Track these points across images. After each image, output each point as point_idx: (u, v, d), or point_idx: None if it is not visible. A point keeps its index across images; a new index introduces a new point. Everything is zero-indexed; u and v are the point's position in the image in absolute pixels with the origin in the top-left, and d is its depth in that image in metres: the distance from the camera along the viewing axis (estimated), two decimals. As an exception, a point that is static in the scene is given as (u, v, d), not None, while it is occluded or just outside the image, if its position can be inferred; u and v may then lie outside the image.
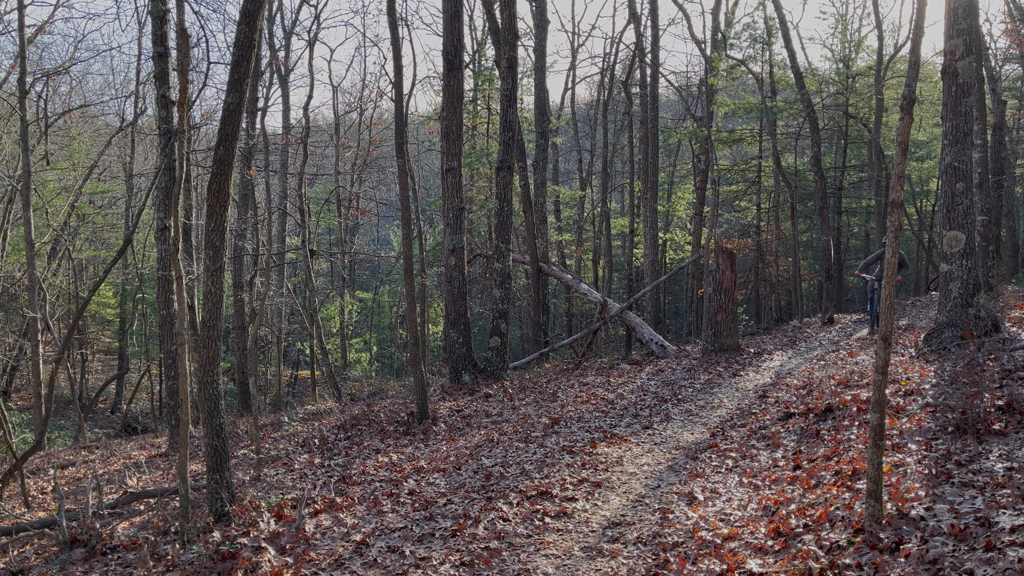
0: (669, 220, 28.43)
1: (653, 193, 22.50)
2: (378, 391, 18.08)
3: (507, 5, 12.88)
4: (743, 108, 23.31)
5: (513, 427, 9.25)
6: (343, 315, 26.91)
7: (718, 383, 10.91)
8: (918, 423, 5.94)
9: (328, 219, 29.25)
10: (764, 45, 21.87)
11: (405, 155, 10.03)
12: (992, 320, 8.44)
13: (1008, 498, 4.05)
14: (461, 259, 13.13)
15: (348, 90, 38.54)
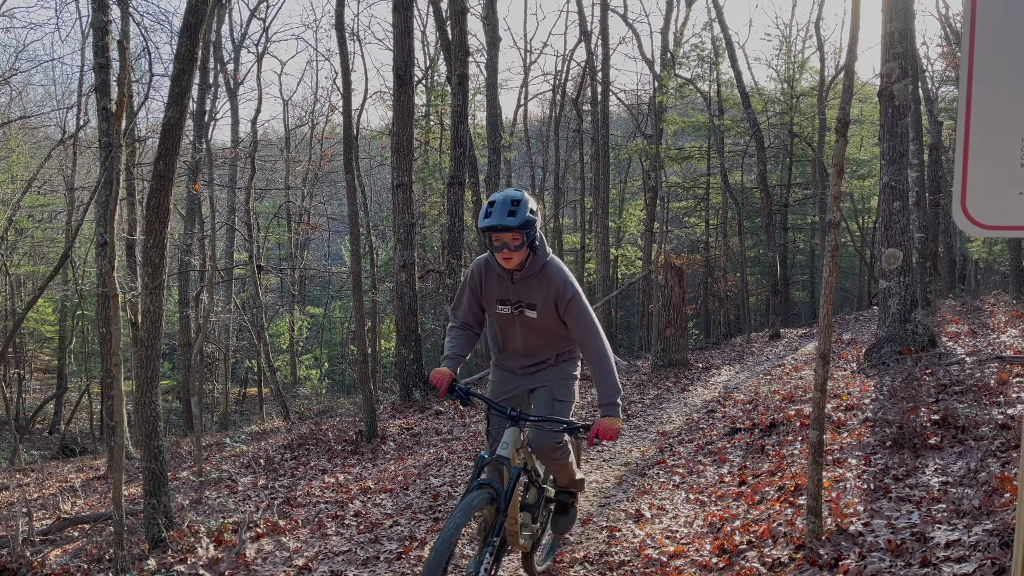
0: (620, 236, 28.71)
1: (604, 209, 22.70)
2: (328, 409, 17.80)
3: (458, 22, 12.90)
4: (692, 126, 23.74)
5: (463, 445, 9.17)
6: (293, 331, 26.50)
7: (667, 398, 10.99)
8: (858, 438, 6.05)
9: (278, 234, 28.85)
10: (712, 65, 22.32)
11: (353, 171, 9.93)
12: (929, 335, 8.68)
13: (943, 513, 4.13)
14: (412, 275, 13.03)
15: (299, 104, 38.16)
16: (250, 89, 45.74)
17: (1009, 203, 1.62)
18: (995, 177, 1.62)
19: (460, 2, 12.74)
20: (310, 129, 28.76)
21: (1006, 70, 1.60)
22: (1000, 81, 1.61)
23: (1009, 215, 1.62)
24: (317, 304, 32.85)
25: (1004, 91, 1.60)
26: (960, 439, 5.34)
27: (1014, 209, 1.61)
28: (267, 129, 36.38)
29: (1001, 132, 1.61)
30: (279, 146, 29.64)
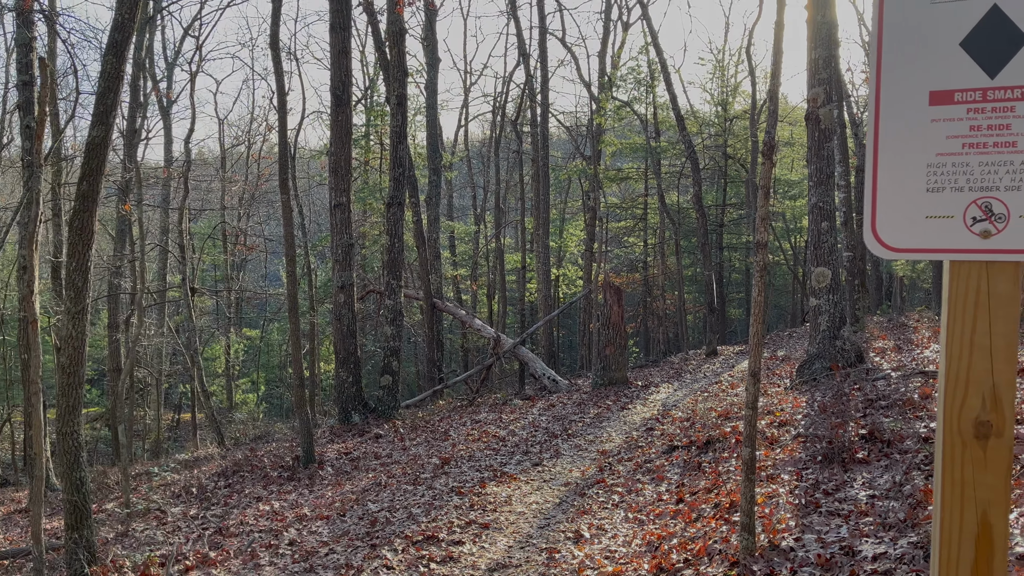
0: (561, 256, 28.93)
1: (545, 229, 22.86)
2: (264, 434, 17.37)
3: (396, 43, 12.89)
4: (630, 148, 24.13)
5: (402, 468, 9.05)
6: (229, 354, 25.85)
7: (607, 417, 11.06)
8: (790, 453, 6.17)
9: (213, 255, 28.19)
10: (648, 88, 22.77)
11: (289, 191, 9.79)
12: (857, 351, 8.94)
13: (870, 526, 4.23)
14: (351, 296, 12.87)
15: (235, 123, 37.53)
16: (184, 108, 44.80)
17: (916, 226, 1.67)
18: (902, 201, 1.67)
19: (398, 23, 12.73)
20: (247, 148, 28.29)
21: (910, 99, 1.65)
22: (905, 109, 1.66)
23: (916, 238, 1.67)
24: (254, 326, 32.14)
25: (909, 119, 1.65)
26: (886, 452, 5.49)
27: (920, 232, 1.67)
28: (202, 148, 35.62)
29: (907, 158, 1.66)
30: (215, 166, 29.05)
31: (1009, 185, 1.59)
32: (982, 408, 1.64)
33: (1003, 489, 1.64)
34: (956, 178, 1.62)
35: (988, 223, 1.61)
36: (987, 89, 1.59)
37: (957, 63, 1.61)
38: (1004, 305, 1.62)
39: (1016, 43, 1.56)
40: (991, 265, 1.62)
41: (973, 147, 1.60)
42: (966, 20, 1.60)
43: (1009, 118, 1.57)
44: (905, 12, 1.64)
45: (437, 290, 19.47)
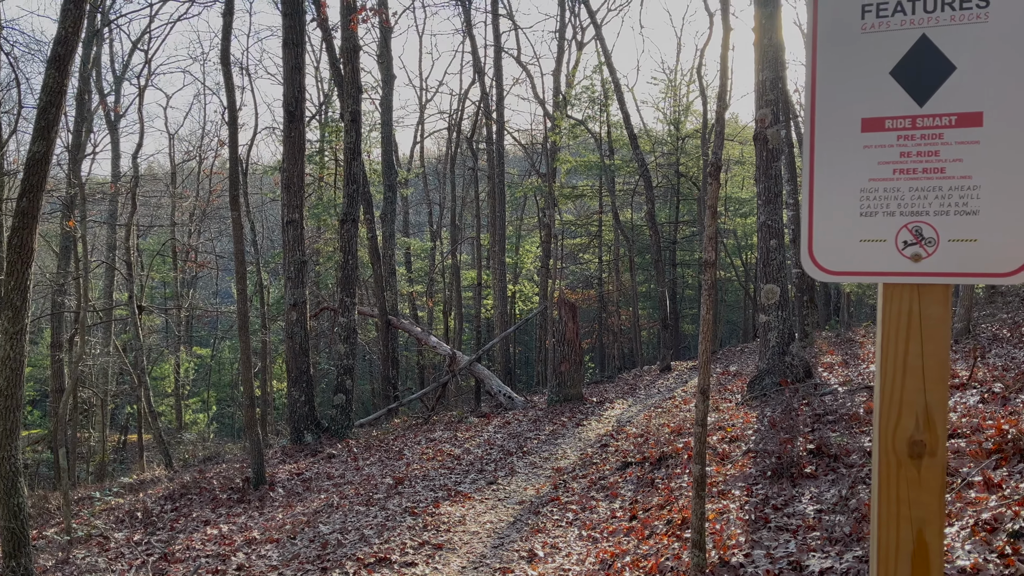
0: (518, 272, 29.01)
1: (501, 246, 22.90)
2: (214, 454, 16.98)
3: (350, 60, 12.83)
4: (584, 165, 24.37)
5: (355, 489, 8.91)
6: (179, 373, 25.26)
7: (562, 434, 11.07)
8: (741, 469, 6.24)
9: (163, 272, 27.60)
10: (602, 107, 23.05)
11: (240, 208, 9.64)
12: (805, 367, 9.11)
13: (817, 540, 4.29)
14: (303, 314, 12.70)
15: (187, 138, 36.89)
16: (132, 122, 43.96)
17: (850, 250, 1.70)
18: (837, 226, 1.70)
19: (352, 40, 12.69)
20: (198, 164, 27.83)
21: (844, 126, 1.69)
22: (839, 136, 1.70)
23: (851, 261, 1.71)
24: (205, 344, 31.52)
25: (842, 145, 1.69)
26: (833, 467, 5.59)
27: (855, 255, 1.70)
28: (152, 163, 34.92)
29: (842, 184, 1.70)
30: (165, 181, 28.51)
31: (938, 210, 1.63)
32: (916, 428, 1.67)
33: (937, 507, 1.67)
34: (888, 203, 1.66)
35: (919, 247, 1.65)
36: (916, 116, 1.63)
37: (888, 91, 1.65)
38: (935, 327, 1.66)
39: (943, 72, 1.61)
40: (922, 288, 1.66)
41: (904, 173, 1.65)
42: (896, 49, 1.64)
43: (937, 145, 1.62)
44: (838, 41, 1.69)
45: (392, 307, 19.33)
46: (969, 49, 1.59)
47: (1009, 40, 1.56)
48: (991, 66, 1.58)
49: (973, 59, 1.59)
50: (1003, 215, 1.59)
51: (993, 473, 4.48)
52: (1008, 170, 1.57)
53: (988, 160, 1.59)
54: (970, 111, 1.59)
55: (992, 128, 1.58)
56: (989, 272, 1.61)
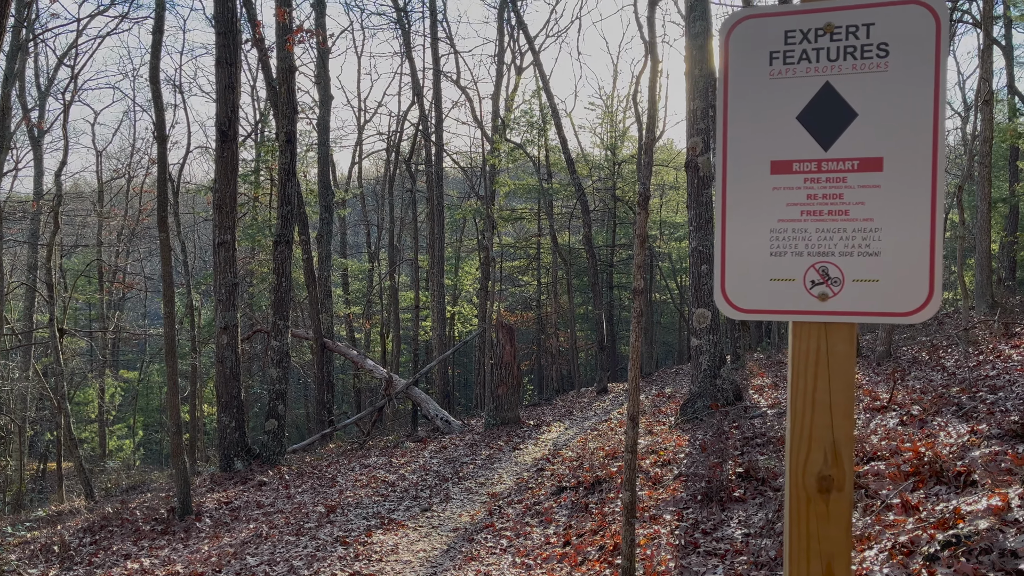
0: (457, 294, 28.94)
1: (440, 268, 22.83)
2: (139, 483, 16.36)
3: (286, 80, 12.69)
4: (523, 188, 24.53)
5: (286, 518, 8.69)
6: (103, 398, 24.32)
7: (499, 458, 11.02)
8: (673, 493, 6.31)
9: (88, 293, 26.63)
10: (540, 131, 23.28)
11: (168, 230, 9.38)
12: (735, 390, 9.29)
13: (744, 565, 4.35)
14: (235, 337, 12.39)
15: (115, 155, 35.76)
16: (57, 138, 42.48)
17: (761, 289, 1.74)
18: (749, 265, 1.74)
19: (288, 60, 12.56)
20: (127, 182, 27.04)
21: (754, 167, 1.73)
22: (749, 177, 1.74)
23: (761, 300, 1.74)
24: (133, 367, 30.46)
25: (753, 186, 1.73)
26: (760, 490, 5.69)
27: (765, 294, 1.74)
28: (79, 181, 33.77)
29: (753, 224, 1.73)
30: (92, 199, 27.60)
31: (843, 251, 1.68)
32: (824, 463, 1.71)
33: (845, 541, 1.71)
34: (796, 243, 1.71)
35: (825, 286, 1.69)
36: (821, 160, 1.69)
37: (795, 135, 1.70)
38: (841, 364, 1.70)
39: (846, 118, 1.67)
40: (829, 326, 1.71)
41: (810, 214, 1.70)
42: (802, 95, 1.70)
43: (841, 188, 1.67)
44: (748, 85, 1.73)
45: (328, 329, 19.04)
46: (870, 97, 1.65)
47: (907, 89, 1.63)
48: (891, 114, 1.64)
49: (874, 107, 1.65)
50: (903, 256, 1.64)
51: (910, 495, 4.62)
52: (906, 213, 1.64)
53: (888, 203, 1.65)
54: (871, 156, 1.65)
55: (892, 173, 1.64)
56: (891, 312, 1.66)
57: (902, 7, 1.62)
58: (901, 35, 1.63)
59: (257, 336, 20.95)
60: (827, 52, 1.67)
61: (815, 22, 1.68)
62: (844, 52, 1.66)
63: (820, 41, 1.68)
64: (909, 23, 1.62)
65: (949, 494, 4.53)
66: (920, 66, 1.62)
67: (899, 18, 1.63)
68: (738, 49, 1.73)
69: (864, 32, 1.65)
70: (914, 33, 1.62)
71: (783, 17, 1.71)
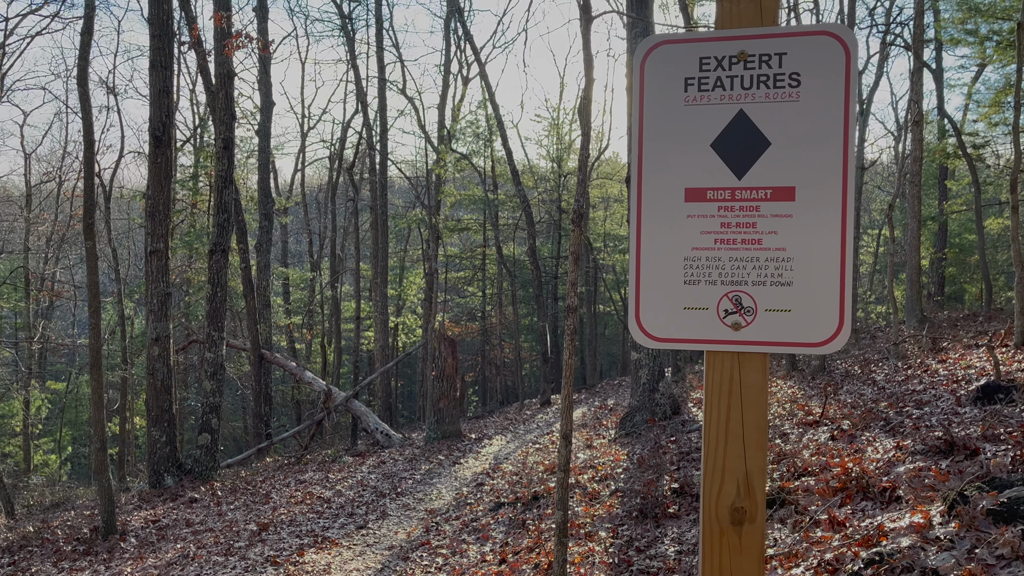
0: (401, 304, 28.68)
1: (383, 277, 22.59)
2: (65, 500, 15.71)
3: (224, 86, 12.41)
4: (469, 199, 24.49)
5: (215, 537, 8.42)
6: (28, 411, 23.33)
7: (438, 472, 10.89)
8: (609, 509, 6.30)
9: (13, 300, 25.56)
10: (486, 142, 23.29)
11: (95, 237, 9.05)
12: (673, 404, 9.36)
13: (673, 583, 4.34)
14: (166, 349, 12.01)
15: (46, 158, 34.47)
16: (-15, 139, 40.86)
17: (675, 317, 1.71)
18: (663, 293, 1.71)
19: (226, 66, 12.29)
20: (57, 186, 26.10)
21: (668, 195, 1.70)
22: (664, 205, 1.71)
23: (675, 328, 1.72)
24: (61, 379, 29.31)
25: (667, 214, 1.70)
26: (695, 506, 5.72)
27: (679, 323, 1.71)
28: (6, 184, 32.45)
29: (667, 252, 1.70)
30: (19, 203, 26.57)
31: (756, 280, 1.66)
32: (737, 495, 1.68)
33: (757, 573, 1.69)
34: (710, 272, 1.68)
35: (738, 316, 1.67)
36: (735, 189, 1.67)
37: (709, 163, 1.68)
38: (754, 394, 1.68)
39: (760, 147, 1.66)
40: (742, 356, 1.69)
41: (724, 243, 1.68)
42: (716, 123, 1.68)
43: (755, 217, 1.66)
44: (663, 111, 1.71)
45: (267, 340, 18.64)
46: (783, 126, 1.64)
47: (818, 119, 1.63)
48: (802, 143, 1.63)
49: (786, 136, 1.64)
50: (814, 286, 1.64)
51: (838, 511, 4.68)
52: (817, 244, 1.63)
53: (800, 233, 1.64)
54: (784, 185, 1.64)
55: (804, 203, 1.63)
56: (803, 342, 1.65)
57: (813, 38, 1.62)
58: (812, 65, 1.62)
59: (193, 347, 20.36)
60: (741, 80, 1.66)
61: (729, 50, 1.67)
62: (757, 80, 1.65)
63: (734, 69, 1.66)
64: (820, 54, 1.62)
65: (875, 510, 4.61)
66: (831, 97, 1.62)
67: (810, 49, 1.62)
68: (653, 75, 1.71)
69: (777, 61, 1.64)
70: (825, 64, 1.62)
71: (698, 44, 1.69)
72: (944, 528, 3.73)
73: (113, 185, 22.34)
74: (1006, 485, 3.90)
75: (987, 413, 6.02)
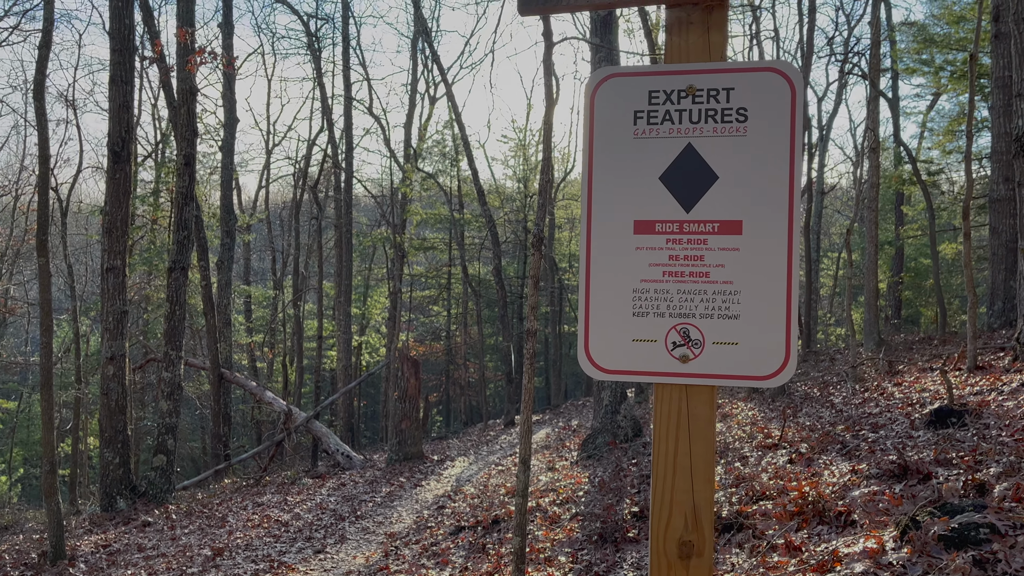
0: (365, 323, 28.45)
1: (347, 296, 22.41)
2: (14, 523, 15.22)
3: (186, 101, 12.27)
4: (435, 218, 24.46)
5: (167, 563, 8.20)
6: (-23, 431, 22.62)
7: (399, 495, 10.77)
8: (569, 534, 6.26)
9: (-35, 317, 24.85)
10: (452, 161, 23.32)
11: (48, 253, 8.84)
12: (635, 426, 9.38)
13: (632, 609, 4.32)
14: (122, 368, 11.74)
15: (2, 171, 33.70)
16: (-60, 150, 39.87)
17: (624, 349, 1.70)
18: (612, 325, 1.71)
19: (188, 82, 12.16)
20: (13, 199, 25.51)
21: (618, 227, 1.70)
22: (613, 236, 1.71)
23: (624, 360, 1.71)
24: (12, 397, 28.50)
25: (616, 246, 1.70)
26: (654, 530, 5.70)
27: (628, 355, 1.71)
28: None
29: (616, 283, 1.70)
30: (-27, 217, 25.93)
31: (703, 313, 1.67)
32: (685, 528, 1.68)
33: (705, 608, 1.68)
34: (658, 304, 1.68)
35: (686, 348, 1.67)
36: (683, 222, 1.67)
37: (657, 195, 1.69)
38: (702, 426, 1.68)
39: (708, 181, 1.67)
40: (690, 388, 1.68)
41: (672, 275, 1.68)
42: (664, 156, 1.69)
43: (702, 250, 1.66)
44: (612, 144, 1.71)
45: (227, 359, 18.34)
46: (730, 160, 1.66)
47: (765, 154, 1.64)
48: (749, 178, 1.65)
49: (734, 170, 1.65)
50: (761, 320, 1.64)
51: (794, 536, 4.71)
52: (764, 277, 1.64)
53: (747, 267, 1.64)
54: (731, 219, 1.65)
55: (750, 236, 1.64)
56: (749, 375, 1.66)
57: (760, 74, 1.64)
58: (759, 101, 1.64)
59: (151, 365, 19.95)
60: (689, 114, 1.67)
61: (678, 84, 1.68)
62: (706, 115, 1.67)
63: (683, 103, 1.68)
64: (767, 90, 1.64)
65: (830, 534, 4.64)
66: (777, 132, 1.63)
67: (757, 84, 1.64)
68: (603, 107, 1.71)
69: (725, 96, 1.66)
70: (771, 100, 1.64)
71: (648, 77, 1.70)
72: (897, 554, 3.77)
73: (71, 200, 21.92)
74: (957, 510, 3.96)
75: (940, 437, 6.12)
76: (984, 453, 5.24)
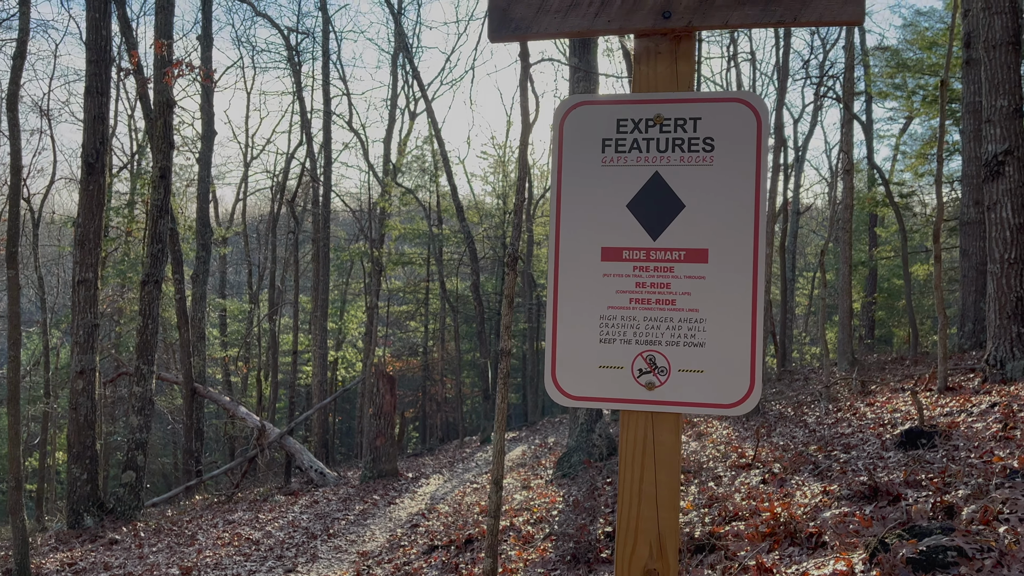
0: (342, 338, 28.26)
1: (324, 311, 22.26)
2: (-24, 541, 14.87)
3: (162, 113, 12.18)
4: (413, 233, 24.43)
5: (134, 582, 8.05)
6: (-59, 445, 22.11)
7: (373, 513, 10.67)
8: (542, 554, 6.23)
9: (-70, 328, 24.37)
10: (432, 177, 23.34)
11: (18, 265, 8.70)
12: (610, 444, 9.38)
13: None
14: (91, 383, 11.56)
15: (-25, 179, 33.18)
16: (-89, 157, 39.18)
17: (591, 375, 1.70)
18: (579, 351, 1.71)
19: (165, 94, 12.08)
20: (-16, 210, 25.12)
21: (585, 254, 1.71)
22: (581, 263, 1.71)
23: (591, 387, 1.71)
24: (-21, 411, 27.91)
25: (584, 272, 1.71)
26: (627, 551, 5.69)
27: (595, 381, 1.71)
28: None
29: (583, 310, 1.70)
30: (-58, 226, 25.46)
31: (669, 340, 1.67)
32: (650, 556, 1.67)
33: (669, 637, 1.67)
34: (625, 331, 1.69)
35: (652, 375, 1.68)
36: (650, 249, 1.68)
37: (625, 223, 1.70)
38: (667, 454, 1.68)
39: (674, 209, 1.68)
40: (656, 415, 1.69)
41: (639, 303, 1.68)
42: (632, 184, 1.70)
43: (668, 278, 1.67)
44: (580, 171, 1.72)
45: (200, 373, 18.13)
46: (696, 189, 1.67)
47: (731, 183, 1.66)
48: (715, 207, 1.66)
49: (700, 199, 1.67)
50: (726, 348, 1.65)
51: (766, 557, 4.72)
52: (730, 305, 1.65)
53: (713, 295, 1.65)
54: (697, 247, 1.66)
55: (716, 265, 1.65)
56: (715, 402, 1.66)
57: (726, 104, 1.66)
58: (725, 131, 1.66)
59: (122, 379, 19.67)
60: (657, 143, 1.68)
61: (646, 112, 1.69)
62: (673, 144, 1.68)
63: (650, 132, 1.69)
64: (732, 120, 1.65)
65: (801, 556, 4.65)
66: (743, 162, 1.65)
67: (724, 115, 1.66)
68: (572, 135, 1.72)
69: (692, 126, 1.67)
70: (737, 130, 1.65)
71: (616, 105, 1.71)
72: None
73: (43, 211, 21.64)
74: (926, 533, 3.99)
75: (910, 458, 6.18)
76: (953, 475, 5.29)
